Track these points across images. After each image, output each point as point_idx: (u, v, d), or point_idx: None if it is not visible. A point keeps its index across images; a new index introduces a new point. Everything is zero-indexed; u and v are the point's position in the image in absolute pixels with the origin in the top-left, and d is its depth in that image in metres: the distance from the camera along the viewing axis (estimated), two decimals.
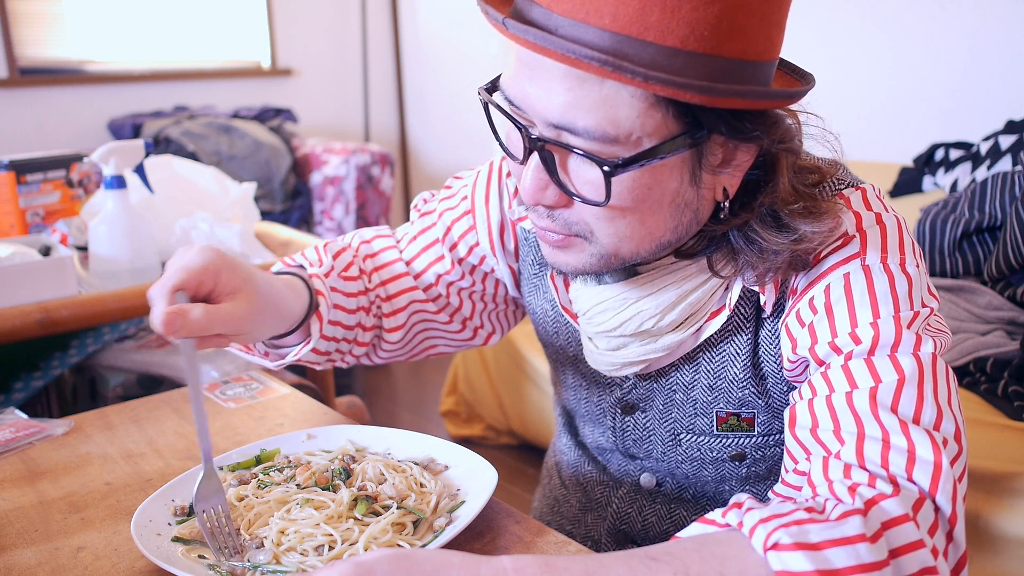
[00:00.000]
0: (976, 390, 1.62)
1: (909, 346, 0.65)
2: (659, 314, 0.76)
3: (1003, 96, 2.29)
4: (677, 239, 0.71)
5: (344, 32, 4.09)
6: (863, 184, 0.75)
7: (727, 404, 0.81)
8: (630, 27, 0.58)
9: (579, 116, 0.61)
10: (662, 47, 0.58)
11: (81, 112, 3.36)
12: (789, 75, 0.71)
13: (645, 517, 0.92)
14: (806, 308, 0.71)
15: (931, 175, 2.27)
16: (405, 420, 2.89)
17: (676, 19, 0.57)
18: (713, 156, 0.66)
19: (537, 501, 1.10)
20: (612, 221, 0.67)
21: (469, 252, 0.93)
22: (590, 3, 0.58)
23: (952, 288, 1.88)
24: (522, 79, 0.64)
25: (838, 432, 0.64)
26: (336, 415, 0.99)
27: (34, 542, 0.73)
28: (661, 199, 0.66)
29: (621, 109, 0.61)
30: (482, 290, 0.96)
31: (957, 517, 0.59)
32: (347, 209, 3.37)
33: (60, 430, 0.96)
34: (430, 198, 0.99)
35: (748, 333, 0.78)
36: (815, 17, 2.67)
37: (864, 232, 0.71)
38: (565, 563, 0.55)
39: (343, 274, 0.91)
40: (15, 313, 1.26)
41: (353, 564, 0.53)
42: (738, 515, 0.58)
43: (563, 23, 0.59)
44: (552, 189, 0.66)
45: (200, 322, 0.67)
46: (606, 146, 0.62)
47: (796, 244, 0.68)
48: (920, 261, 0.72)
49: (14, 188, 1.53)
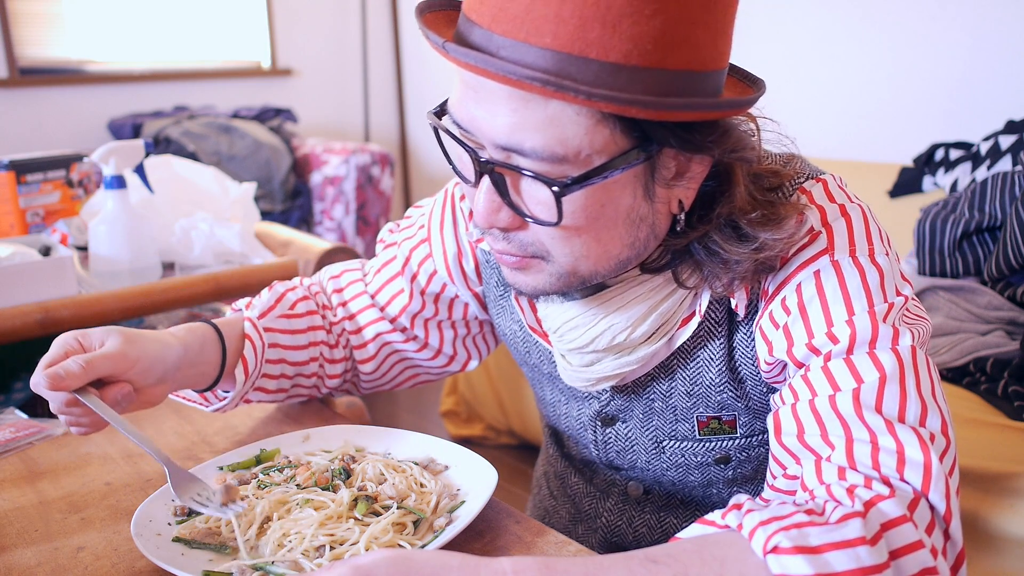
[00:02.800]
0: (976, 390, 1.62)
1: (887, 341, 0.65)
2: (630, 327, 0.75)
3: (1003, 96, 2.29)
4: (635, 255, 0.70)
5: (344, 32, 4.09)
6: (823, 175, 0.74)
7: (707, 408, 0.81)
8: (571, 45, 0.57)
9: (526, 137, 0.60)
10: (605, 63, 0.57)
11: (81, 112, 3.36)
12: (741, 82, 0.70)
13: (635, 528, 0.92)
14: (779, 309, 0.70)
15: (931, 175, 2.26)
16: (405, 420, 2.89)
17: (617, 35, 0.57)
18: (666, 170, 0.65)
19: (529, 511, 1.10)
20: (567, 240, 0.66)
21: (429, 281, 0.93)
22: (530, 23, 0.58)
23: (952, 288, 1.88)
24: (468, 102, 0.63)
25: (826, 436, 0.64)
26: (336, 415, 0.99)
27: (34, 542, 0.73)
28: (615, 216, 0.65)
29: (568, 128, 0.60)
30: (448, 317, 0.96)
31: (952, 514, 0.59)
32: (347, 209, 3.37)
33: (60, 430, 0.96)
34: (395, 228, 0.99)
35: (722, 338, 0.77)
36: (815, 17, 2.66)
37: (830, 227, 0.70)
38: (565, 565, 0.55)
39: (287, 313, 0.93)
40: (15, 313, 1.26)
41: (352, 567, 0.53)
42: (738, 517, 0.58)
43: (504, 44, 0.59)
44: (505, 211, 0.65)
45: (76, 367, 0.71)
46: (555, 166, 0.61)
47: (757, 253, 0.67)
48: (889, 248, 0.71)
49: (14, 188, 1.53)
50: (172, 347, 0.80)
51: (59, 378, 0.71)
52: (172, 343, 0.81)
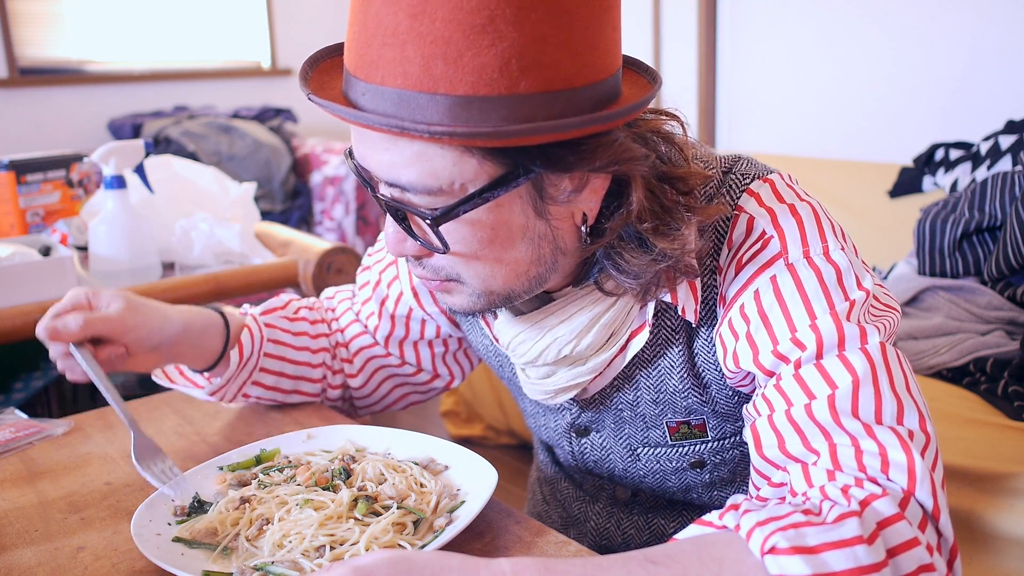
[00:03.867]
0: (976, 390, 1.62)
1: (856, 341, 0.64)
2: (575, 339, 0.75)
3: (1003, 96, 2.29)
4: (547, 270, 0.70)
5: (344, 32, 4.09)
6: (770, 175, 0.73)
7: (675, 414, 0.81)
8: (420, 83, 0.58)
9: (401, 173, 0.63)
10: (454, 97, 0.58)
11: (81, 112, 3.36)
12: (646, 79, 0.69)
13: (624, 530, 0.93)
14: (738, 317, 0.70)
15: (931, 175, 2.26)
16: (405, 420, 2.89)
17: (459, 68, 0.57)
18: (553, 187, 0.65)
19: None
20: (469, 264, 0.67)
21: (397, 303, 0.95)
22: (383, 67, 0.60)
23: (952, 288, 1.87)
24: (356, 143, 0.67)
25: (808, 444, 0.64)
26: (336, 415, 0.99)
27: (34, 542, 0.73)
28: (508, 237, 0.66)
29: (435, 161, 0.61)
30: (421, 336, 0.97)
31: (940, 510, 0.59)
32: (347, 209, 3.37)
33: (60, 430, 0.96)
34: (372, 251, 1.01)
35: (680, 345, 0.77)
36: (815, 17, 2.66)
37: (781, 229, 0.69)
38: (564, 566, 0.55)
39: (290, 315, 0.98)
40: (15, 313, 1.26)
41: (352, 568, 0.53)
42: (735, 517, 0.58)
43: (367, 89, 0.61)
44: (410, 241, 0.68)
45: (75, 325, 0.79)
46: (435, 197, 0.63)
47: (655, 264, 0.67)
48: (844, 242, 0.70)
49: (14, 188, 1.53)
50: (173, 322, 0.86)
51: (57, 332, 0.79)
52: (174, 319, 0.86)
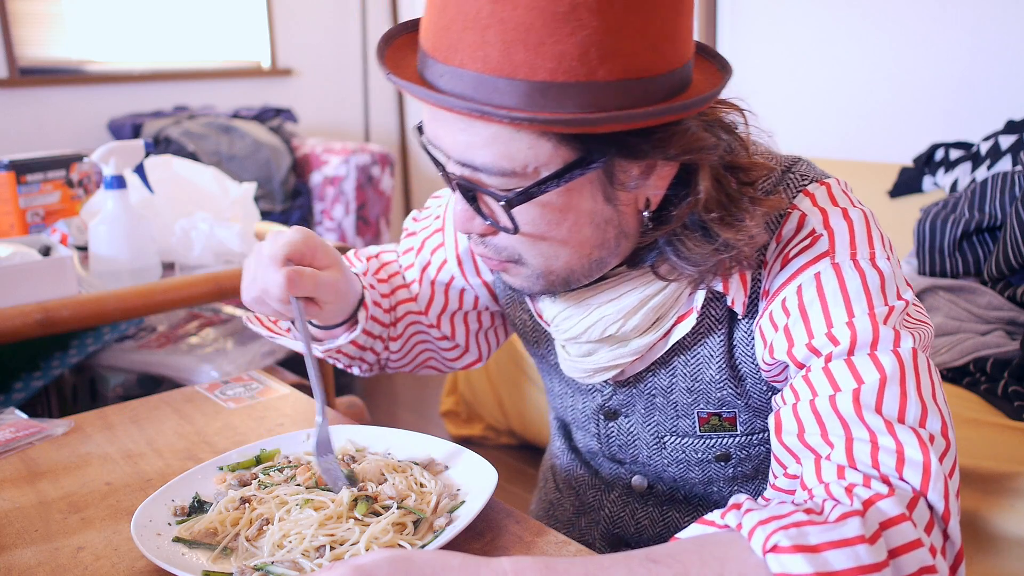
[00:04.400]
0: (976, 390, 1.62)
1: (888, 343, 0.65)
2: (622, 319, 0.76)
3: (1003, 96, 2.29)
4: (609, 254, 0.71)
5: (344, 32, 4.09)
6: (827, 179, 0.75)
7: (707, 405, 0.81)
8: (500, 68, 0.59)
9: (476, 154, 0.64)
10: (533, 83, 0.59)
11: (81, 112, 3.36)
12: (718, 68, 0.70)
13: (638, 520, 0.93)
14: (779, 310, 0.71)
15: (931, 175, 2.27)
16: (405, 420, 2.89)
17: (540, 55, 0.58)
18: (624, 174, 0.66)
19: (534, 504, 1.10)
20: (534, 245, 0.69)
21: (439, 271, 0.95)
22: (462, 51, 0.60)
23: (952, 288, 1.88)
24: (429, 122, 0.67)
25: (825, 436, 0.64)
26: (336, 415, 0.99)
27: (34, 542, 0.73)
28: (577, 221, 0.67)
29: (511, 145, 0.62)
30: (459, 307, 0.97)
31: (951, 514, 0.59)
32: (347, 209, 3.37)
33: (60, 430, 0.96)
34: (418, 216, 1.01)
35: (721, 334, 0.78)
36: (815, 17, 2.66)
37: (831, 229, 0.70)
38: (565, 565, 0.55)
39: (376, 276, 0.97)
40: (15, 313, 1.26)
41: (352, 567, 0.53)
42: (737, 516, 0.58)
43: (445, 71, 0.62)
44: (478, 219, 0.69)
45: (312, 282, 0.77)
46: (508, 179, 0.64)
47: (718, 253, 0.68)
48: (891, 253, 0.72)
49: (14, 188, 1.53)
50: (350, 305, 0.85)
51: (294, 281, 0.75)
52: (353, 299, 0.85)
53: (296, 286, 0.75)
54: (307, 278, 0.76)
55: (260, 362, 1.77)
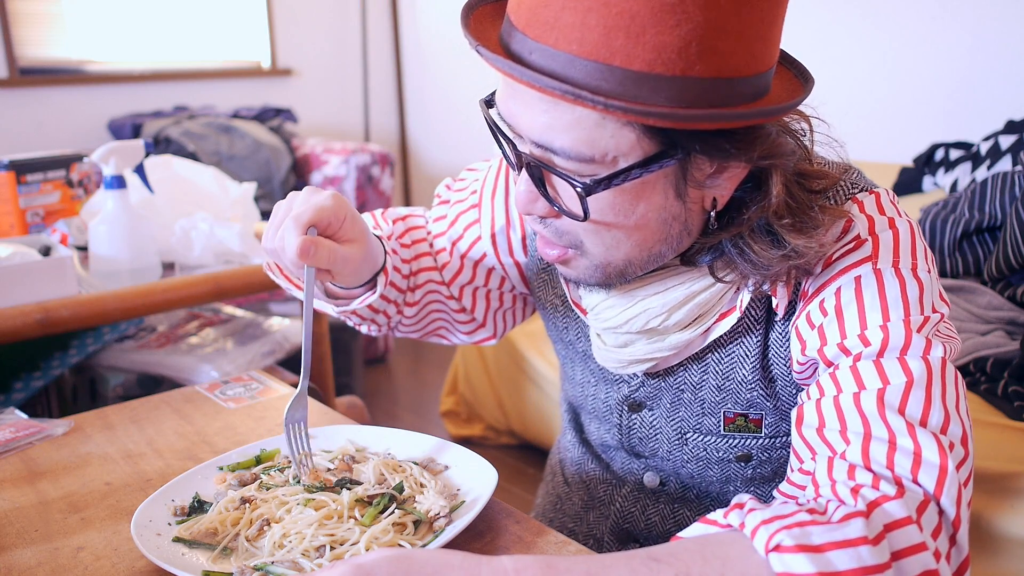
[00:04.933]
0: (976, 390, 1.62)
1: (919, 350, 0.65)
2: (665, 313, 0.76)
3: (1003, 96, 2.29)
4: (669, 249, 0.71)
5: (344, 32, 4.09)
6: (877, 188, 0.75)
7: (735, 405, 0.81)
8: (596, 52, 0.58)
9: (556, 137, 0.63)
10: (629, 71, 0.58)
11: (81, 112, 3.35)
12: (797, 78, 0.70)
13: (648, 516, 0.92)
14: (816, 310, 0.71)
15: (931, 175, 2.27)
16: (405, 420, 2.89)
17: (640, 44, 0.58)
18: (699, 171, 0.66)
19: (540, 499, 1.10)
20: (598, 234, 0.68)
21: (471, 247, 0.94)
22: (559, 30, 0.59)
23: (952, 288, 1.88)
24: (507, 98, 0.66)
25: (844, 432, 0.64)
26: (336, 415, 0.99)
27: (34, 542, 0.73)
28: (646, 213, 0.67)
29: (594, 131, 0.62)
30: (485, 284, 0.96)
31: (961, 521, 0.59)
32: None
33: (60, 430, 0.96)
34: (451, 185, 1.00)
35: (758, 335, 0.78)
36: (815, 17, 2.66)
37: (876, 236, 0.70)
38: (566, 564, 0.55)
39: (400, 240, 0.95)
40: (15, 313, 1.26)
41: (353, 566, 0.53)
42: (740, 516, 0.58)
43: (535, 48, 0.61)
44: (541, 202, 0.68)
45: (327, 256, 0.74)
46: (584, 165, 0.63)
47: (787, 260, 0.68)
48: (932, 267, 0.72)
49: (14, 188, 1.53)
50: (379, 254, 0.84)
51: (308, 252, 0.73)
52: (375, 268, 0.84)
53: (310, 257, 0.73)
54: (323, 250, 0.74)
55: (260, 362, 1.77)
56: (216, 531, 0.72)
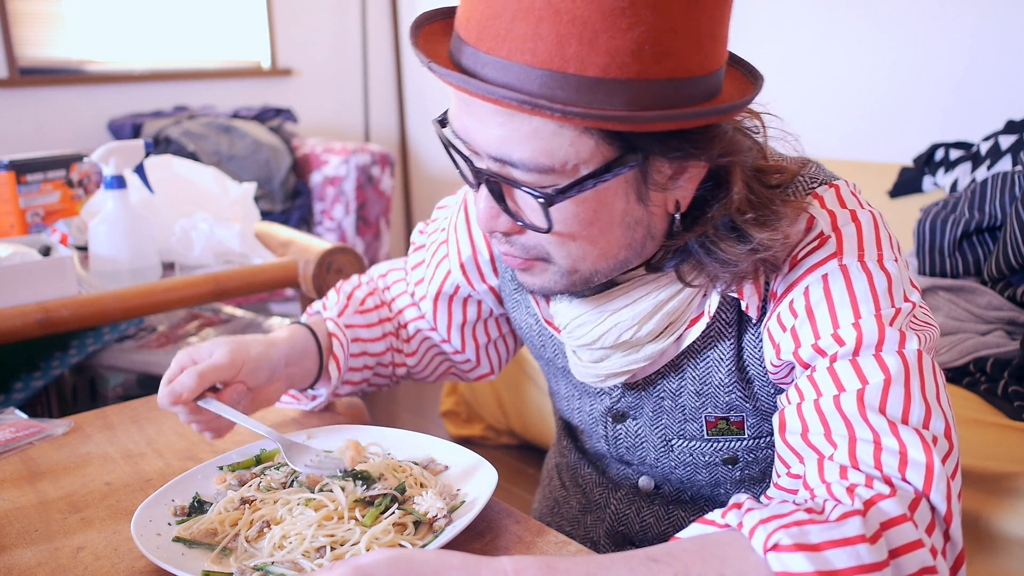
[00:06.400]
0: (976, 390, 1.62)
1: (893, 344, 0.65)
2: (636, 325, 0.76)
3: (1003, 96, 2.29)
4: (634, 255, 0.71)
5: (344, 32, 4.09)
6: (836, 180, 0.75)
7: (715, 409, 0.81)
8: (550, 61, 0.58)
9: (514, 149, 0.62)
10: (584, 78, 0.58)
11: (81, 112, 3.35)
12: (745, 76, 0.70)
13: (643, 519, 0.93)
14: (786, 312, 0.71)
15: (931, 175, 2.26)
16: (405, 420, 2.89)
17: (594, 50, 0.58)
18: (659, 174, 0.66)
19: (537, 502, 1.10)
20: (564, 244, 0.68)
21: (444, 282, 0.95)
22: (511, 41, 0.59)
23: (952, 288, 1.87)
24: (461, 114, 0.66)
25: (829, 436, 0.64)
26: (336, 415, 0.99)
27: (34, 542, 0.73)
28: (609, 220, 0.67)
29: (552, 140, 0.61)
30: (464, 320, 0.98)
31: (953, 515, 0.59)
32: (347, 209, 3.37)
33: (60, 430, 0.96)
34: (424, 229, 1.02)
35: (731, 338, 0.78)
36: (815, 17, 2.66)
37: (839, 231, 0.70)
38: (566, 564, 0.55)
39: (359, 308, 0.98)
40: (15, 313, 1.26)
41: (353, 567, 0.53)
42: (738, 516, 0.58)
43: (488, 62, 0.61)
44: (504, 217, 0.68)
45: (191, 381, 0.79)
46: (544, 176, 0.63)
47: (754, 254, 0.68)
48: (898, 255, 0.72)
49: (14, 188, 1.53)
50: (278, 346, 0.87)
51: (177, 393, 0.79)
52: (278, 342, 0.88)
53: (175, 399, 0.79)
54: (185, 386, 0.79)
55: None
56: (216, 531, 0.72)
